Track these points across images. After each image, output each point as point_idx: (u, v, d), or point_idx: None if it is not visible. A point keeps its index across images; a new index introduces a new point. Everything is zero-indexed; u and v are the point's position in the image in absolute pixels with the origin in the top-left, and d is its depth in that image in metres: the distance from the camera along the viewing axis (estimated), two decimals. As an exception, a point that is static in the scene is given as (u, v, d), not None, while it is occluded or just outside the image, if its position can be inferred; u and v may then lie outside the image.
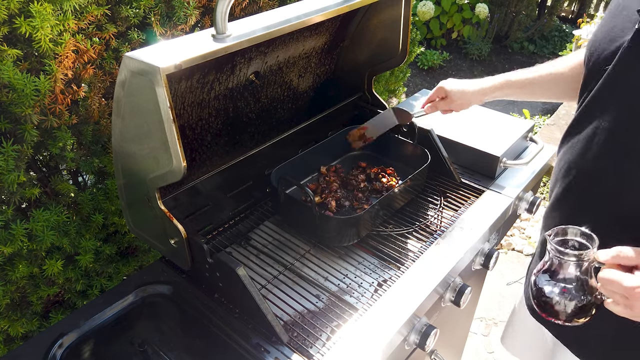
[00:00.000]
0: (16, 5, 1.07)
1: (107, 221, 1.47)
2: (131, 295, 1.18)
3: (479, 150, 1.51)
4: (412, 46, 2.73)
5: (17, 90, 1.10)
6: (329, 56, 1.54)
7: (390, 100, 2.97)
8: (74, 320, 1.12)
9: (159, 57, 0.87)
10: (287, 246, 1.31)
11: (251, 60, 1.24)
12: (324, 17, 1.11)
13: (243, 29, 1.00)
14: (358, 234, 1.26)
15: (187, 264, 1.12)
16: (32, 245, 1.25)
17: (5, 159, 1.13)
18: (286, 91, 1.47)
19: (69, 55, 1.18)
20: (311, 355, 1.02)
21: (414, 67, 5.32)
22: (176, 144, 0.91)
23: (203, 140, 1.28)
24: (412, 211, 1.39)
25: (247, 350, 1.04)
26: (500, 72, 1.42)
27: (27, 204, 1.34)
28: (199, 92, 1.18)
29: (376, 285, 1.19)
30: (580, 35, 3.43)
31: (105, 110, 1.35)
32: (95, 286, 1.50)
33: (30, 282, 1.36)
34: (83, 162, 1.37)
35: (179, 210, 1.21)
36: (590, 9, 6.23)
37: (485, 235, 1.33)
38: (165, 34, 1.42)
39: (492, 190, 1.46)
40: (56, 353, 1.06)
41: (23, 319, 1.38)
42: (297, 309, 1.14)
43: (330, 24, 1.40)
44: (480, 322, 2.56)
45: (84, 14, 1.22)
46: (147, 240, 1.19)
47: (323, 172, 1.50)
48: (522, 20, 5.71)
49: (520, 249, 3.02)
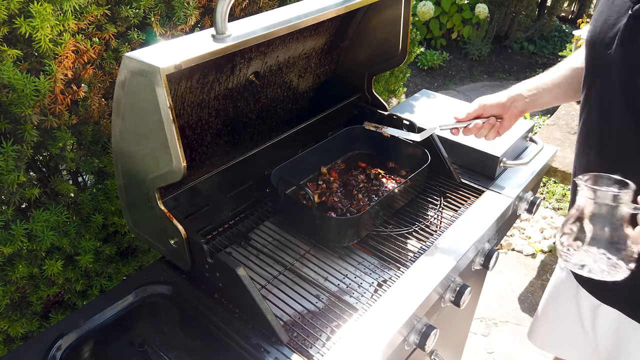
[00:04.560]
0: (16, 5, 1.07)
1: (107, 221, 1.47)
2: (131, 296, 1.18)
3: (478, 150, 1.51)
4: (412, 46, 2.73)
5: (17, 90, 1.10)
6: (329, 56, 1.54)
7: (390, 101, 2.97)
8: (74, 320, 1.12)
9: (159, 57, 0.87)
10: (287, 246, 1.31)
11: (251, 60, 1.24)
12: (324, 17, 1.11)
13: (243, 29, 1.00)
14: (358, 234, 1.26)
15: (187, 264, 1.12)
16: (32, 245, 1.25)
17: (5, 159, 1.13)
18: (286, 91, 1.47)
19: (69, 55, 1.18)
20: (311, 356, 1.02)
21: (414, 67, 5.32)
22: (176, 144, 0.91)
23: (203, 141, 1.28)
24: (412, 211, 1.39)
25: (247, 350, 1.04)
26: (500, 72, 1.41)
27: (27, 204, 1.34)
28: (199, 92, 1.18)
29: (376, 285, 1.19)
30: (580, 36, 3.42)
31: (105, 110, 1.35)
32: (95, 286, 1.50)
33: (30, 283, 1.36)
34: (83, 162, 1.37)
35: (179, 210, 1.21)
36: (590, 9, 6.23)
37: (485, 236, 1.33)
38: (165, 34, 1.42)
39: (492, 191, 1.46)
40: (56, 353, 1.06)
41: (23, 319, 1.38)
42: (297, 309, 1.14)
43: (330, 24, 1.41)
44: (480, 322, 2.56)
45: (84, 14, 1.22)
46: (147, 240, 1.19)
47: (323, 172, 1.50)
48: (522, 21, 5.71)
49: (520, 249, 3.02)
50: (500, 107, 1.25)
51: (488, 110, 1.26)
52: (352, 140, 1.58)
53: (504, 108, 1.25)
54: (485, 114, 1.26)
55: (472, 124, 1.25)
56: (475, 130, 1.26)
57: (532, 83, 1.29)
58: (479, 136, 1.27)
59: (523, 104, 1.26)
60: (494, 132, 1.27)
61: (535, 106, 1.28)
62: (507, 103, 1.25)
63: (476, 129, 1.25)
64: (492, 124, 1.25)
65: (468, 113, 1.26)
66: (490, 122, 1.25)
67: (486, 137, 1.28)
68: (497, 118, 1.26)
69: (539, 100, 1.27)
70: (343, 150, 1.57)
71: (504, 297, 2.70)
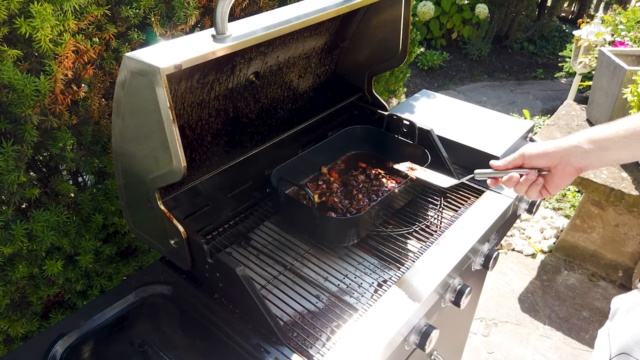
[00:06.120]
0: (16, 5, 1.07)
1: (107, 221, 1.47)
2: (131, 296, 1.18)
3: (479, 150, 1.51)
4: (412, 46, 2.74)
5: (17, 90, 1.10)
6: (329, 56, 1.54)
7: (390, 101, 2.97)
8: (73, 320, 1.12)
9: (159, 57, 0.87)
10: (287, 246, 1.31)
11: (251, 60, 1.25)
12: (324, 17, 1.11)
13: (243, 29, 1.00)
14: (358, 235, 1.26)
15: (187, 264, 1.12)
16: (32, 245, 1.25)
17: (5, 159, 1.13)
18: (286, 91, 1.47)
19: (69, 55, 1.18)
20: (311, 356, 1.02)
21: (414, 67, 5.32)
22: (176, 144, 0.91)
23: (203, 141, 1.28)
24: (412, 211, 1.39)
25: (247, 350, 1.04)
26: (500, 72, 1.30)
27: (27, 204, 1.34)
28: (199, 93, 1.18)
29: (376, 285, 1.19)
30: (580, 36, 3.42)
31: (105, 110, 1.35)
32: (95, 286, 1.50)
33: (30, 283, 1.36)
34: (83, 163, 1.37)
35: (179, 211, 1.21)
36: (590, 10, 6.23)
37: (485, 236, 1.33)
38: (165, 34, 1.42)
39: (492, 191, 1.46)
40: (56, 353, 1.06)
41: (23, 319, 1.38)
42: (297, 309, 1.14)
43: (330, 24, 1.40)
44: (480, 322, 2.56)
45: (84, 15, 1.22)
46: (147, 240, 1.19)
47: (323, 172, 1.50)
48: (522, 21, 5.71)
49: (520, 249, 3.02)
50: (545, 158, 1.00)
51: (528, 161, 1.02)
52: (352, 140, 1.58)
53: (551, 160, 0.99)
54: (526, 165, 1.02)
55: (507, 176, 1.02)
56: (511, 184, 1.02)
57: (599, 131, 0.97)
58: (518, 192, 1.04)
59: (581, 158, 0.97)
60: (535, 190, 1.02)
61: (601, 162, 0.98)
62: (555, 154, 0.98)
63: (511, 182, 1.02)
64: (532, 180, 1.01)
65: (507, 161, 1.03)
66: (528, 178, 1.00)
67: (527, 195, 1.03)
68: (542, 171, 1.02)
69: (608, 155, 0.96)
70: (343, 150, 1.57)
71: (504, 297, 2.70)
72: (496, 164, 1.04)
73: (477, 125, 1.64)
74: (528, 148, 1.02)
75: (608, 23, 3.34)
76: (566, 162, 0.98)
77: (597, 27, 3.29)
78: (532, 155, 1.01)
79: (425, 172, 1.24)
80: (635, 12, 3.30)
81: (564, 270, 2.88)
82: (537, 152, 1.00)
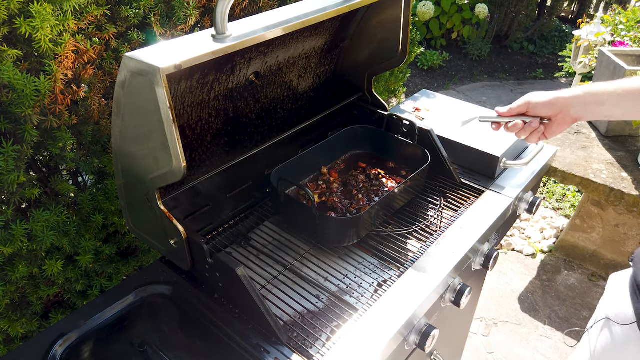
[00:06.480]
0: (16, 5, 1.07)
1: (107, 221, 1.47)
2: (131, 296, 1.18)
3: (478, 150, 1.51)
4: (412, 46, 2.74)
5: (17, 90, 1.10)
6: (329, 56, 1.54)
7: (390, 101, 2.97)
8: (73, 320, 1.12)
9: (159, 57, 0.87)
10: (287, 246, 1.31)
11: (251, 60, 1.25)
12: (324, 17, 1.11)
13: (243, 29, 1.00)
14: (358, 235, 1.26)
15: (187, 264, 1.12)
16: (32, 245, 1.25)
17: (5, 159, 1.13)
18: (286, 91, 1.47)
19: (69, 55, 1.18)
20: (311, 356, 1.02)
21: (414, 67, 5.32)
22: (176, 144, 0.91)
23: (203, 141, 1.28)
24: (412, 211, 1.39)
25: (247, 350, 1.04)
26: (500, 72, 1.32)
27: (27, 204, 1.34)
28: (199, 93, 1.18)
29: (376, 285, 1.19)
30: (580, 36, 3.42)
31: (105, 110, 1.35)
32: (95, 286, 1.50)
33: (30, 283, 1.36)
34: (83, 163, 1.37)
35: (179, 211, 1.22)
36: (590, 10, 6.23)
37: (485, 236, 1.33)
38: (165, 34, 1.42)
39: (492, 191, 1.46)
40: (56, 353, 1.06)
41: (23, 319, 1.38)
42: (297, 309, 1.14)
43: (330, 24, 1.40)
44: (480, 322, 2.56)
45: (84, 15, 1.22)
46: (147, 240, 1.19)
47: (323, 172, 1.50)
48: (522, 21, 5.71)
49: (520, 249, 3.02)
50: (548, 108, 1.08)
51: (533, 110, 1.10)
52: (352, 140, 1.58)
53: (553, 110, 1.08)
54: (529, 113, 1.11)
55: (512, 123, 1.11)
56: (515, 130, 1.11)
57: (598, 87, 1.06)
58: (519, 137, 1.14)
59: (579, 109, 1.05)
60: (535, 136, 1.11)
61: (595, 115, 1.07)
62: (557, 104, 1.07)
63: (515, 128, 1.11)
64: (534, 128, 1.09)
65: (511, 108, 1.12)
66: (532, 126, 1.09)
67: (527, 140, 1.14)
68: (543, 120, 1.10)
69: (603, 110, 1.05)
70: (343, 150, 1.57)
71: (504, 297, 2.70)
72: (501, 111, 1.13)
73: (477, 126, 1.64)
74: (533, 97, 1.10)
75: (608, 23, 3.34)
76: (566, 112, 1.07)
77: (597, 27, 3.29)
78: (538, 104, 1.08)
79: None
80: (635, 12, 3.30)
81: (564, 270, 2.88)
82: (543, 101, 1.08)
